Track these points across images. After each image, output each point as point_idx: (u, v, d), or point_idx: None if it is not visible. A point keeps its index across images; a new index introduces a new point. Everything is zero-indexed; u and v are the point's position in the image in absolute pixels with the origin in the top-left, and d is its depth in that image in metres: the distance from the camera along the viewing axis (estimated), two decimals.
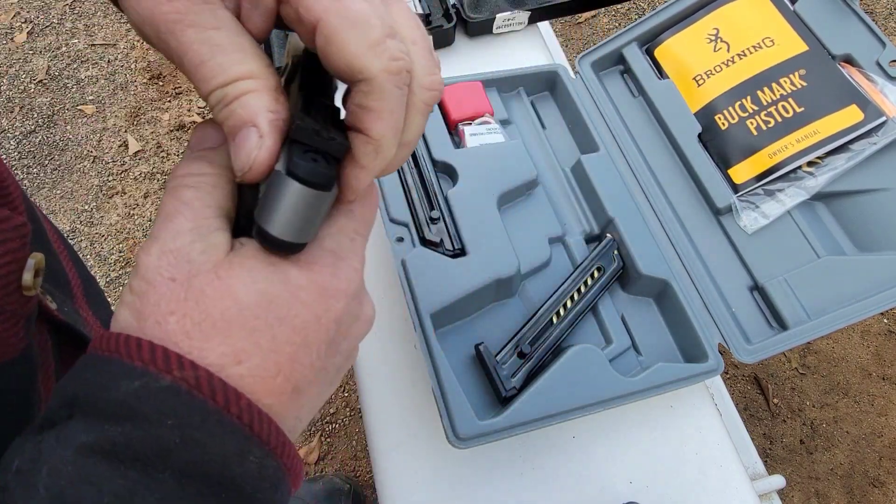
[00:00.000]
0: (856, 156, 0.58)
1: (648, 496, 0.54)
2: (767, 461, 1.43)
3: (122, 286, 1.68)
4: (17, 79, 2.08)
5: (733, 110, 0.63)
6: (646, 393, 0.52)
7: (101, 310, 0.44)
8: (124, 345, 0.21)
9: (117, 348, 0.21)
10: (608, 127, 0.67)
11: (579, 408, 0.51)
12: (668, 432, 0.57)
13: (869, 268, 0.55)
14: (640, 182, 0.64)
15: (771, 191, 0.61)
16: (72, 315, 0.35)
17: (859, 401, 1.50)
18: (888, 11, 2.09)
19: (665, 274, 0.58)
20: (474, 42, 0.80)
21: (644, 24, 0.70)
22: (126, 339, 0.21)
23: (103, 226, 1.78)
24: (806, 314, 0.56)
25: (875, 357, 1.55)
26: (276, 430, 0.22)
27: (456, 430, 0.49)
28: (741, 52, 0.65)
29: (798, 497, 1.39)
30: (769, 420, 1.48)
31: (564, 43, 2.09)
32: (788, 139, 0.60)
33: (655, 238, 0.60)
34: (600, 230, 0.63)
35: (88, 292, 0.43)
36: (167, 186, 0.25)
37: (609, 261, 0.59)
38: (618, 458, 0.56)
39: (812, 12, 0.64)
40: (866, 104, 0.58)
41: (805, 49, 0.62)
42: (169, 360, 0.21)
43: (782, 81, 0.62)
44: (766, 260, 0.59)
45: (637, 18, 1.42)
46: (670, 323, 0.59)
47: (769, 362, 1.54)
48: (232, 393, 0.21)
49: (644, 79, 0.68)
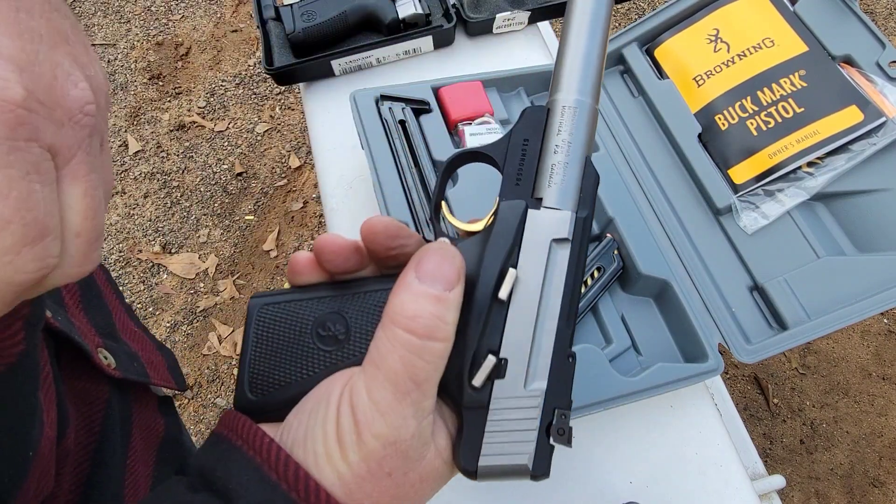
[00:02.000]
0: (855, 156, 0.58)
1: (648, 496, 0.54)
2: (767, 461, 1.43)
3: (123, 286, 1.68)
4: None
5: (733, 111, 0.63)
6: (646, 393, 0.52)
7: (99, 315, 0.43)
8: None
9: None
10: (608, 127, 0.67)
11: (579, 408, 0.51)
12: (668, 432, 0.57)
13: (868, 268, 0.55)
14: (640, 182, 0.64)
15: (771, 191, 0.61)
16: (65, 324, 0.35)
17: (859, 401, 1.50)
18: (888, 11, 2.09)
19: (665, 274, 0.58)
20: (474, 42, 0.80)
21: (644, 24, 0.70)
22: (328, 501, 0.23)
23: None
24: (806, 314, 0.56)
25: (875, 357, 1.55)
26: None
27: None
28: (741, 52, 0.65)
29: (798, 497, 1.39)
30: (769, 420, 1.48)
31: None
32: (788, 139, 0.60)
33: (655, 238, 0.60)
34: (600, 230, 0.63)
35: (84, 296, 0.42)
36: (394, 319, 0.25)
37: (609, 261, 0.59)
38: (618, 458, 0.56)
39: (812, 13, 0.64)
40: (866, 105, 0.58)
41: (805, 50, 0.62)
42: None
43: (782, 82, 0.62)
44: (766, 260, 0.59)
45: (637, 18, 1.42)
46: (670, 323, 0.59)
47: (769, 362, 1.54)
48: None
49: (644, 79, 0.68)
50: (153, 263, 1.72)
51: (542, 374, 0.27)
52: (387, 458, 0.24)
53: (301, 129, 1.96)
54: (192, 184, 1.86)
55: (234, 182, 1.87)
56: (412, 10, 0.74)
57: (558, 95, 0.29)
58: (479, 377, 0.26)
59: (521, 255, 0.28)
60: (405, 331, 0.24)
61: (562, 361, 0.27)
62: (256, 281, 1.70)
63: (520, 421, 0.26)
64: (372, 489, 0.24)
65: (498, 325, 0.27)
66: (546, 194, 0.28)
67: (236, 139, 1.95)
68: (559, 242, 0.28)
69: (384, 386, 0.24)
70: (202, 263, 1.73)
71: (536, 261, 0.27)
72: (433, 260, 0.25)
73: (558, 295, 0.27)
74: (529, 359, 0.27)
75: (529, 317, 0.27)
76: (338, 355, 0.28)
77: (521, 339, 0.27)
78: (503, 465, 0.26)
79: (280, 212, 1.82)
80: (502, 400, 0.26)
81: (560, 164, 0.28)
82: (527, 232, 0.28)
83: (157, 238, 1.76)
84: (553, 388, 0.27)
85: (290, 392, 0.27)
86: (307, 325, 0.28)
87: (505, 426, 0.26)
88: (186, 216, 1.81)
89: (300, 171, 1.89)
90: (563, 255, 0.28)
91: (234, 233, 1.78)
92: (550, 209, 0.28)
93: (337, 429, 0.24)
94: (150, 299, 1.67)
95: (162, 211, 1.81)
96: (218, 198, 1.84)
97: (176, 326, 1.63)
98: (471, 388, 0.26)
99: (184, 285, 1.69)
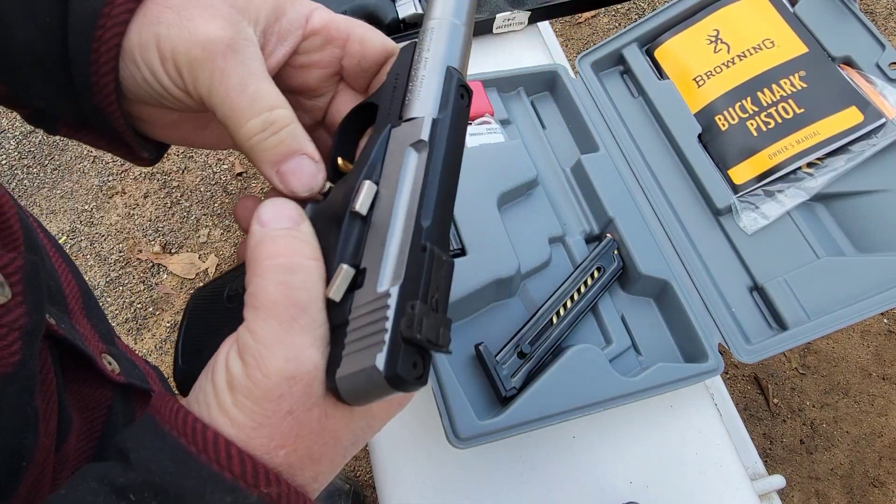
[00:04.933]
0: (855, 157, 0.58)
1: (648, 496, 0.54)
2: (767, 461, 1.43)
3: (123, 286, 1.69)
4: None
5: (733, 111, 0.63)
6: (646, 393, 0.52)
7: (99, 322, 0.43)
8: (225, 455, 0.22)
9: (217, 456, 0.22)
10: (608, 127, 0.67)
11: (579, 408, 0.51)
12: (668, 432, 0.57)
13: (868, 268, 0.55)
14: (640, 182, 0.64)
15: (771, 191, 0.61)
16: (70, 331, 0.35)
17: (859, 401, 1.50)
18: (888, 12, 2.09)
19: (665, 274, 0.58)
20: (474, 42, 0.80)
21: (644, 24, 0.70)
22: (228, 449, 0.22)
23: (103, 226, 1.78)
24: (805, 314, 0.56)
25: (875, 357, 1.55)
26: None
27: (456, 430, 0.49)
28: (741, 53, 0.65)
29: (798, 497, 1.39)
30: (769, 420, 1.48)
31: (564, 43, 2.09)
32: (788, 140, 0.60)
33: (655, 238, 0.60)
34: (600, 230, 0.63)
35: (87, 304, 0.42)
36: (257, 260, 0.24)
37: (609, 261, 0.59)
38: (618, 458, 0.56)
39: (812, 14, 0.64)
40: (866, 106, 0.58)
41: (805, 51, 0.63)
42: (258, 475, 0.22)
43: (782, 83, 0.62)
44: (766, 260, 0.60)
45: (637, 18, 1.42)
46: (670, 323, 0.59)
47: (769, 362, 1.54)
48: None
49: (644, 79, 0.68)
50: (153, 263, 1.72)
51: (393, 274, 0.25)
52: (286, 395, 0.23)
53: None
54: (192, 184, 1.86)
55: (234, 182, 1.87)
56: (412, 9, 0.74)
57: (423, 24, 0.30)
58: (334, 289, 0.25)
59: (384, 169, 0.27)
60: (272, 262, 0.24)
61: (417, 254, 0.25)
62: None
63: (373, 324, 0.24)
64: (273, 432, 0.23)
65: (357, 238, 0.26)
66: (407, 111, 0.28)
67: None
68: (416, 145, 0.27)
69: (266, 322, 0.23)
70: (202, 263, 1.73)
71: (391, 170, 0.27)
72: (269, 206, 0.26)
73: (412, 194, 0.26)
74: (385, 261, 0.25)
75: (385, 221, 0.26)
76: (239, 308, 0.27)
77: (377, 245, 0.26)
78: (355, 372, 0.23)
79: None
80: (359, 308, 0.24)
81: (419, 79, 0.28)
82: (389, 148, 0.27)
83: (157, 238, 1.76)
84: (409, 283, 0.24)
85: (207, 353, 0.27)
86: (219, 298, 0.31)
87: (360, 333, 0.24)
88: (186, 216, 1.81)
89: None
90: (421, 157, 0.26)
91: (234, 233, 1.78)
92: (409, 120, 0.28)
93: (227, 376, 0.24)
94: (150, 299, 1.67)
95: (162, 211, 1.81)
96: (218, 198, 1.84)
97: (176, 326, 1.63)
98: (329, 303, 0.25)
99: (184, 285, 1.69)
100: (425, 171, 0.26)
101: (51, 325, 0.32)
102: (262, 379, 0.23)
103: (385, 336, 0.23)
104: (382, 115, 0.29)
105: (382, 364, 0.22)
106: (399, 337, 0.23)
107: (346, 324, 0.24)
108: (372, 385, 0.23)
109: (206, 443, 0.22)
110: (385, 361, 0.22)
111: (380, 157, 0.27)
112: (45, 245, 0.39)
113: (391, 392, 0.23)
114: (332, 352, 0.24)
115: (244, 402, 0.23)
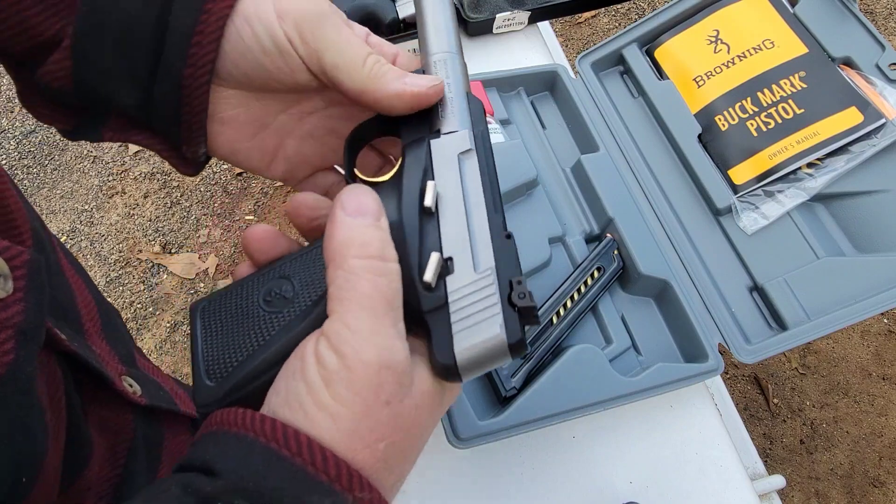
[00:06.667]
0: (855, 157, 0.58)
1: (648, 496, 0.54)
2: (767, 461, 1.43)
3: (123, 286, 1.69)
4: None
5: (733, 111, 0.63)
6: (646, 393, 0.52)
7: (120, 344, 0.42)
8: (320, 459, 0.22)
9: (312, 459, 0.22)
10: (608, 127, 0.67)
11: (579, 408, 0.51)
12: (668, 432, 0.57)
13: (868, 269, 0.55)
14: (640, 182, 0.64)
15: (771, 192, 0.61)
16: (84, 350, 0.34)
17: (859, 401, 1.50)
18: (888, 12, 2.10)
19: (665, 274, 0.58)
20: (474, 42, 0.80)
21: (644, 24, 0.70)
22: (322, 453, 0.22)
23: (103, 226, 1.78)
24: (805, 314, 0.56)
25: (875, 357, 1.55)
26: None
27: (456, 431, 0.49)
28: (741, 53, 0.65)
29: (798, 497, 1.40)
30: (769, 420, 1.48)
31: (564, 43, 2.09)
32: (788, 140, 0.60)
33: (655, 238, 0.60)
34: (600, 230, 0.63)
35: (106, 324, 0.41)
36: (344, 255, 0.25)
37: (609, 261, 0.59)
38: (618, 458, 0.56)
39: (812, 15, 0.64)
40: (866, 106, 0.58)
41: (805, 51, 0.63)
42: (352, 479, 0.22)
43: (782, 83, 0.62)
44: (766, 260, 0.60)
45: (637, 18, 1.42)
46: (670, 323, 0.59)
47: (769, 362, 1.54)
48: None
49: (644, 79, 0.68)
50: (153, 263, 1.73)
51: (487, 256, 0.28)
52: (383, 384, 0.23)
53: None
54: (192, 184, 1.86)
55: (234, 182, 1.87)
56: (412, 9, 0.74)
57: (430, 57, 0.34)
58: (429, 273, 0.27)
59: (436, 173, 0.30)
60: (363, 258, 0.25)
61: (502, 241, 0.29)
62: None
63: (481, 301, 0.27)
64: (374, 423, 0.23)
65: (433, 231, 0.29)
66: (443, 125, 0.32)
67: None
68: (465, 154, 0.31)
69: (359, 313, 0.24)
70: (202, 263, 1.73)
71: (450, 173, 0.30)
72: (352, 195, 0.27)
73: (479, 192, 0.30)
74: (471, 247, 0.28)
75: (459, 216, 0.29)
76: (290, 311, 0.28)
77: (457, 235, 0.29)
78: (477, 343, 0.26)
79: (280, 212, 1.82)
80: (458, 290, 0.27)
81: (447, 99, 0.32)
82: (434, 157, 0.31)
83: (157, 238, 1.77)
84: (502, 264, 0.28)
85: (252, 365, 0.28)
86: (254, 299, 0.30)
87: (468, 312, 0.27)
88: (186, 216, 1.81)
89: None
90: (472, 162, 0.31)
91: (234, 233, 1.78)
92: (450, 133, 0.32)
93: (321, 370, 0.23)
94: (150, 299, 1.67)
95: (162, 211, 1.81)
96: (218, 198, 1.84)
97: (176, 326, 1.63)
98: (425, 288, 0.27)
99: (184, 285, 1.69)
100: (480, 172, 0.30)
101: (60, 340, 0.31)
102: (361, 368, 0.23)
103: (497, 309, 0.26)
104: (409, 130, 0.33)
105: (504, 332, 0.26)
106: (511, 308, 0.26)
107: (444, 306, 0.27)
108: (493, 353, 0.26)
109: (299, 446, 0.22)
110: (506, 329, 0.26)
111: (428, 162, 0.31)
112: (63, 261, 0.38)
113: (508, 358, 0.26)
114: (437, 334, 0.27)
115: (344, 394, 0.23)
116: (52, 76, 0.29)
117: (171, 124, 0.31)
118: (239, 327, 0.29)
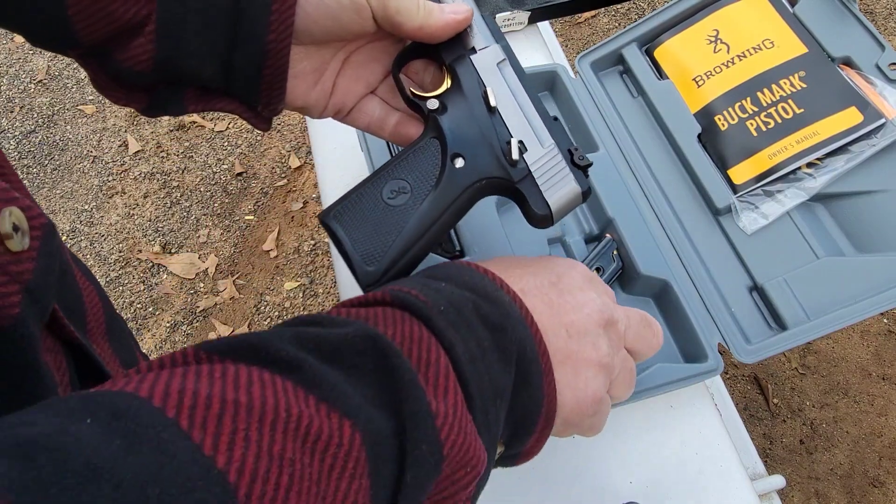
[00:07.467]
0: (855, 157, 0.58)
1: (648, 496, 0.54)
2: (767, 461, 1.43)
3: (123, 286, 1.69)
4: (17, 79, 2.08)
5: (733, 111, 0.63)
6: (646, 393, 0.52)
7: (124, 350, 0.42)
8: (490, 273, 0.33)
9: (484, 271, 0.33)
10: (608, 127, 0.67)
11: None
12: (668, 432, 0.57)
13: (868, 269, 0.55)
14: (640, 182, 0.64)
15: (770, 191, 0.61)
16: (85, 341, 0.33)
17: (859, 401, 1.50)
18: (888, 12, 2.10)
19: (665, 274, 0.58)
20: None
21: (644, 24, 0.70)
22: (485, 272, 0.33)
23: (103, 226, 1.79)
24: (805, 314, 0.56)
25: (875, 357, 1.55)
26: None
27: None
28: (741, 53, 0.65)
29: (798, 497, 1.40)
30: (769, 420, 1.48)
31: (564, 43, 2.09)
32: (788, 140, 0.60)
33: (655, 238, 0.60)
34: (600, 230, 0.63)
35: (111, 329, 0.41)
36: None
37: (609, 261, 0.59)
38: (617, 459, 0.56)
39: (811, 15, 0.64)
40: (866, 106, 0.58)
41: (804, 51, 0.63)
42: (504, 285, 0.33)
43: (782, 83, 0.62)
44: (766, 260, 0.60)
45: (637, 18, 1.42)
46: (670, 323, 0.59)
47: (769, 362, 1.54)
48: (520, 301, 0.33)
49: (644, 79, 0.68)
50: (153, 263, 1.73)
51: (546, 135, 0.38)
52: None
53: (301, 128, 1.96)
54: (192, 184, 1.86)
55: (234, 182, 1.87)
56: None
57: None
58: (515, 153, 0.37)
59: (485, 80, 0.39)
60: None
61: (552, 123, 0.39)
62: (256, 281, 1.70)
63: (554, 167, 0.38)
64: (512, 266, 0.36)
65: (500, 124, 0.38)
66: (474, 44, 0.40)
67: (236, 139, 1.95)
68: (501, 63, 0.40)
69: None
70: (202, 263, 1.73)
71: (496, 79, 0.39)
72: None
73: (522, 90, 0.39)
74: (533, 130, 0.38)
75: (516, 109, 0.39)
76: (413, 201, 0.37)
77: (520, 123, 0.38)
78: (562, 195, 0.37)
79: (280, 212, 1.82)
80: (536, 162, 0.38)
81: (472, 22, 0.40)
82: (478, 68, 0.39)
83: (157, 238, 1.77)
84: (558, 138, 0.38)
85: (399, 246, 0.36)
86: (378, 200, 0.37)
87: (548, 175, 0.37)
88: (186, 216, 1.81)
89: (300, 171, 1.89)
90: (509, 69, 0.40)
91: (234, 233, 1.78)
92: (483, 48, 0.40)
93: None
94: (150, 299, 1.67)
95: (162, 211, 1.81)
96: (218, 198, 1.84)
97: (176, 326, 1.64)
98: (512, 165, 0.37)
99: (184, 285, 1.70)
100: (518, 76, 0.40)
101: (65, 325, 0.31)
102: None
103: (567, 169, 0.38)
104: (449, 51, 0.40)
105: (577, 185, 0.38)
106: (575, 167, 0.38)
107: (529, 175, 0.38)
108: (573, 200, 0.38)
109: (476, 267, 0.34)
110: (578, 182, 0.38)
111: (477, 73, 0.39)
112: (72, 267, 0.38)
113: (580, 203, 0.39)
114: (531, 196, 0.37)
115: None
116: (134, 61, 0.31)
117: (251, 88, 0.34)
118: (376, 222, 0.37)
